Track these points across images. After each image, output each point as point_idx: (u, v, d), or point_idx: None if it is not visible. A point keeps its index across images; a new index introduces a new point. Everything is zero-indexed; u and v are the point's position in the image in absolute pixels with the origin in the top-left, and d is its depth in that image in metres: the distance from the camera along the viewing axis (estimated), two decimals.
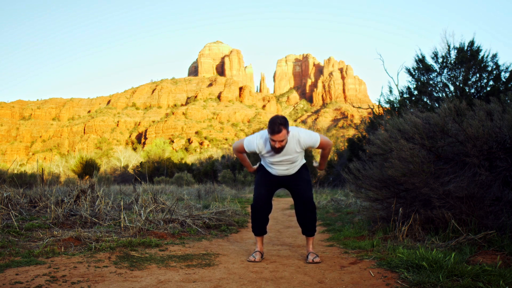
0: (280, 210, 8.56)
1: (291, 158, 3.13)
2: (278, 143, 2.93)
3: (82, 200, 5.05)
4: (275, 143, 2.93)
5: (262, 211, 3.23)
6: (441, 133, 3.70)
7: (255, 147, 3.14)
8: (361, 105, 23.33)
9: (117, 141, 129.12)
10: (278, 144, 2.93)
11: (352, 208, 7.55)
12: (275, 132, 2.88)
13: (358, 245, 3.62)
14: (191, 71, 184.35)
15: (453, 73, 8.57)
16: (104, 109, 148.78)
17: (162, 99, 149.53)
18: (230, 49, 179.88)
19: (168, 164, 32.43)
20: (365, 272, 2.67)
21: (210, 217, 5.21)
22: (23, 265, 2.61)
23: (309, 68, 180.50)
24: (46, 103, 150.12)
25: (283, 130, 2.89)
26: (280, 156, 3.11)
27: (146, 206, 5.07)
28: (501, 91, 7.50)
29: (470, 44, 8.49)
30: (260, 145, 3.12)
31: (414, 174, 3.62)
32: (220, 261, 3.11)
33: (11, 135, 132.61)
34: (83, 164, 25.08)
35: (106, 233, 3.84)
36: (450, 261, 2.52)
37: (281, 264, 3.02)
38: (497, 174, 3.54)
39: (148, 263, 2.91)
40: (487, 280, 2.20)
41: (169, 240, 3.94)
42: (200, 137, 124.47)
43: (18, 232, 3.73)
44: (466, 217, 3.45)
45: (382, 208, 4.38)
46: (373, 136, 4.49)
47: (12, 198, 5.02)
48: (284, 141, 2.94)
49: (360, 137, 16.94)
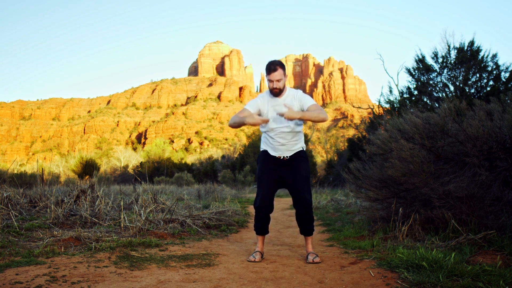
0: (280, 210, 8.56)
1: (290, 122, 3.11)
2: (275, 83, 3.05)
3: (82, 200, 5.05)
4: (273, 83, 3.06)
5: (266, 211, 3.24)
6: (441, 133, 3.70)
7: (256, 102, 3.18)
8: (361, 105, 23.34)
9: (117, 141, 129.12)
10: (276, 84, 3.05)
11: (352, 208, 7.55)
12: (271, 70, 3.04)
13: (358, 245, 3.62)
14: (191, 71, 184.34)
15: (453, 73, 8.57)
16: (104, 109, 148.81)
17: (162, 99, 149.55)
18: (230, 49, 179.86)
19: (168, 164, 32.44)
20: (365, 272, 2.67)
21: (210, 217, 5.21)
22: (23, 265, 2.61)
23: (309, 68, 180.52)
24: (46, 103, 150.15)
25: (279, 69, 3.05)
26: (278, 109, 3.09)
27: (146, 206, 5.07)
28: (501, 91, 7.50)
29: (470, 44, 8.49)
30: (260, 101, 3.19)
31: (414, 174, 3.62)
32: (220, 261, 3.11)
33: (11, 135, 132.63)
34: (83, 164, 25.09)
35: (106, 233, 3.84)
36: (450, 261, 2.52)
37: (281, 264, 3.02)
38: (497, 174, 3.54)
39: (148, 263, 2.91)
40: (487, 280, 2.20)
41: (169, 240, 3.94)
42: (200, 137, 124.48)
43: (18, 232, 3.73)
44: (466, 217, 3.45)
45: (382, 208, 4.38)
46: (373, 136, 4.49)
47: (12, 198, 5.02)
48: (280, 82, 3.07)
49: (360, 137, 16.93)
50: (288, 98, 3.16)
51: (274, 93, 3.12)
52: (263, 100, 3.20)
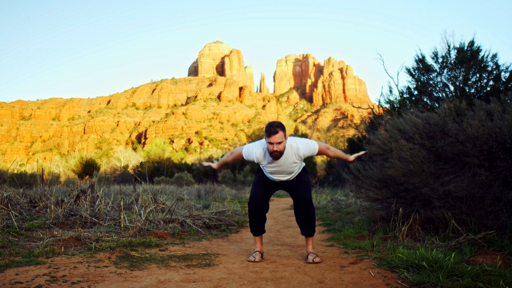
0: (280, 210, 8.56)
1: (290, 169, 3.15)
2: (275, 145, 2.92)
3: (82, 200, 5.05)
4: (273, 146, 2.92)
5: (258, 210, 3.23)
6: (441, 133, 3.70)
7: (254, 156, 3.13)
8: (361, 105, 23.33)
9: (117, 141, 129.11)
10: (276, 147, 2.92)
11: (352, 208, 7.55)
12: (271, 133, 2.90)
13: (358, 245, 3.62)
14: (191, 71, 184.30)
15: (453, 73, 8.57)
16: (104, 109, 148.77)
17: (162, 99, 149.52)
18: (230, 49, 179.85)
19: (168, 164, 32.43)
20: (365, 272, 2.67)
21: (210, 217, 5.21)
22: (23, 265, 2.61)
23: (309, 68, 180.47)
24: (46, 103, 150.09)
25: (280, 131, 2.91)
26: (279, 167, 3.11)
27: (146, 206, 5.07)
28: (501, 91, 7.50)
29: (470, 44, 8.48)
30: (259, 155, 3.11)
31: (414, 174, 3.62)
32: (220, 261, 3.11)
33: (11, 135, 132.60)
34: (83, 164, 25.08)
35: (106, 233, 3.84)
36: (450, 261, 2.52)
37: (281, 264, 3.02)
38: (497, 174, 3.54)
39: (148, 263, 2.91)
40: (487, 280, 2.20)
41: (169, 240, 3.94)
42: (200, 137, 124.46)
43: (18, 232, 3.73)
44: (466, 217, 3.45)
45: (382, 208, 4.38)
46: (373, 136, 4.49)
47: (12, 198, 5.02)
48: (281, 144, 2.94)
49: (360, 137, 16.93)
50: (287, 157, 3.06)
51: (274, 156, 2.99)
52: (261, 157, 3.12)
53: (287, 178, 3.24)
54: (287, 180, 3.27)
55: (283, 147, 2.97)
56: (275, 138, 2.90)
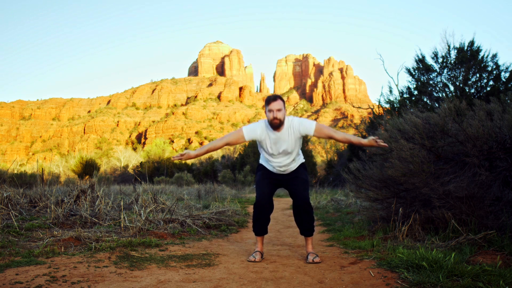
0: (280, 210, 8.56)
1: (288, 146, 3.12)
2: (275, 112, 3.00)
3: (82, 200, 5.05)
4: (273, 113, 3.00)
5: (265, 211, 3.24)
6: (441, 133, 3.70)
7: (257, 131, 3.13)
8: (361, 105, 23.33)
9: (117, 141, 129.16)
10: (276, 113, 3.00)
11: (352, 208, 7.55)
12: (271, 99, 3.03)
13: (358, 245, 3.62)
14: (191, 71, 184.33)
15: (453, 73, 8.57)
16: (104, 109, 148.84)
17: (162, 99, 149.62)
18: (230, 49, 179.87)
19: (168, 164, 32.42)
20: (365, 272, 2.67)
21: (210, 217, 5.21)
22: (23, 265, 2.61)
23: (309, 68, 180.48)
24: (46, 103, 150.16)
25: (279, 99, 3.04)
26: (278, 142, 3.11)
27: (146, 206, 5.07)
28: (501, 91, 7.50)
29: (470, 44, 8.48)
30: (260, 129, 3.14)
31: (414, 174, 3.62)
32: (220, 261, 3.11)
33: (11, 135, 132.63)
34: (83, 164, 25.09)
35: (106, 233, 3.84)
36: (450, 261, 2.52)
37: (281, 264, 3.02)
38: (497, 174, 3.54)
39: (148, 263, 2.91)
40: (487, 280, 2.20)
41: (169, 240, 3.94)
42: (200, 137, 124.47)
43: (18, 232, 3.73)
44: (466, 217, 3.45)
45: (382, 208, 4.38)
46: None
47: (12, 198, 5.02)
48: (281, 112, 3.01)
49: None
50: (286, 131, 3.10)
51: (274, 124, 3.02)
52: (263, 132, 3.14)
53: (286, 168, 3.23)
54: (287, 174, 3.26)
55: (282, 115, 3.02)
56: (275, 105, 3.00)
